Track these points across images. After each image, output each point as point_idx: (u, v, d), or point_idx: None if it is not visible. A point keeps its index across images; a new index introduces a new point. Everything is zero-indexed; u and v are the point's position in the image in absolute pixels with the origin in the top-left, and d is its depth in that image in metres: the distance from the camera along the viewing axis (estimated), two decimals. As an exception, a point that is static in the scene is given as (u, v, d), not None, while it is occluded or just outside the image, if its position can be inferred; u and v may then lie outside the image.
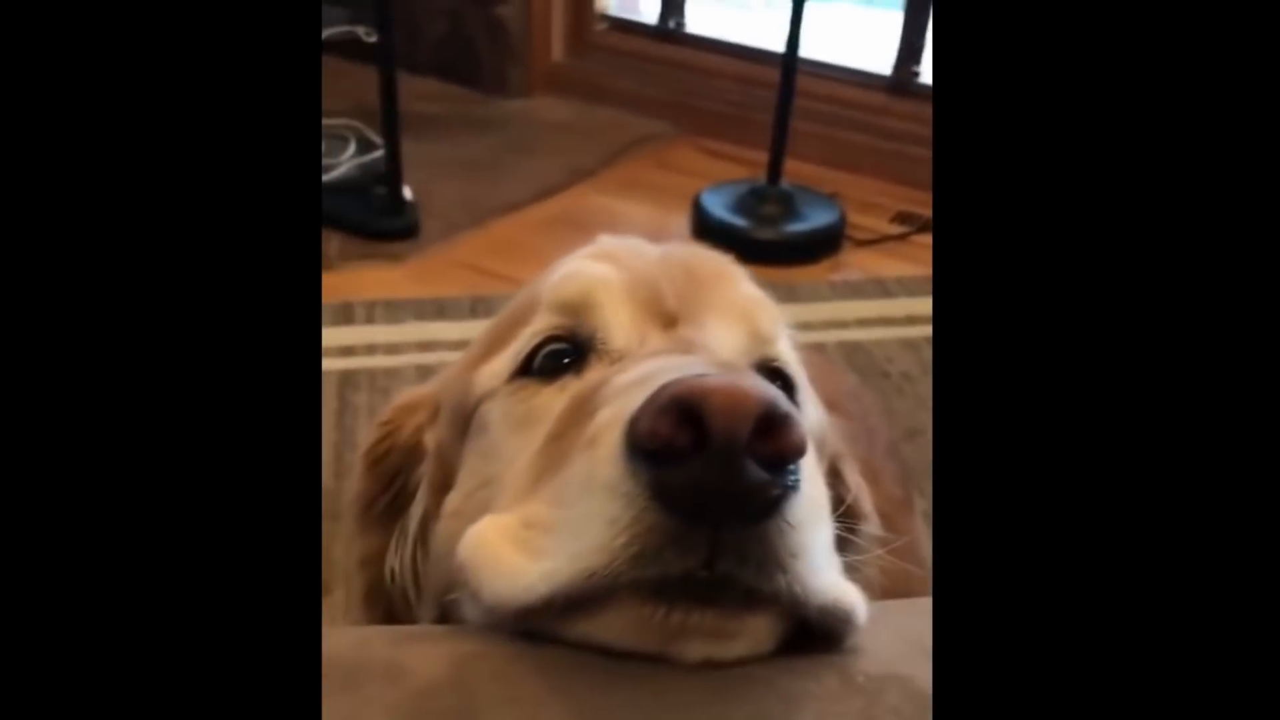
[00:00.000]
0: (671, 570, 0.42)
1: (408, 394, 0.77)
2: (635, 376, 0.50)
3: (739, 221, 2.43)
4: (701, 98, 2.98)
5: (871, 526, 0.70)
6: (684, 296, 0.62)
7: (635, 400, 0.44)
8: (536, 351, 0.62)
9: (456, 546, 0.53)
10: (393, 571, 0.73)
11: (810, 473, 0.45)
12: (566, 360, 0.61)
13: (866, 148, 2.79)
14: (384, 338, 1.94)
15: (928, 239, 2.50)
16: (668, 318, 0.61)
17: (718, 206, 2.47)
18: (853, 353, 2.00)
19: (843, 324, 2.11)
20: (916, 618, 0.50)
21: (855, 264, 2.41)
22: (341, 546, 1.47)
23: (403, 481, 0.74)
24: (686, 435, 0.41)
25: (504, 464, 0.59)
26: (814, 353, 1.96)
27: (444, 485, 0.67)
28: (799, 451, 0.42)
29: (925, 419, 1.83)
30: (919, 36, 2.82)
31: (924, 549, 1.18)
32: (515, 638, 0.46)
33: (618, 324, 0.60)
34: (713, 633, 0.43)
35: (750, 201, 2.46)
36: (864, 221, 2.54)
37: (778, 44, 2.37)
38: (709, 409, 0.41)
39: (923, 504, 1.61)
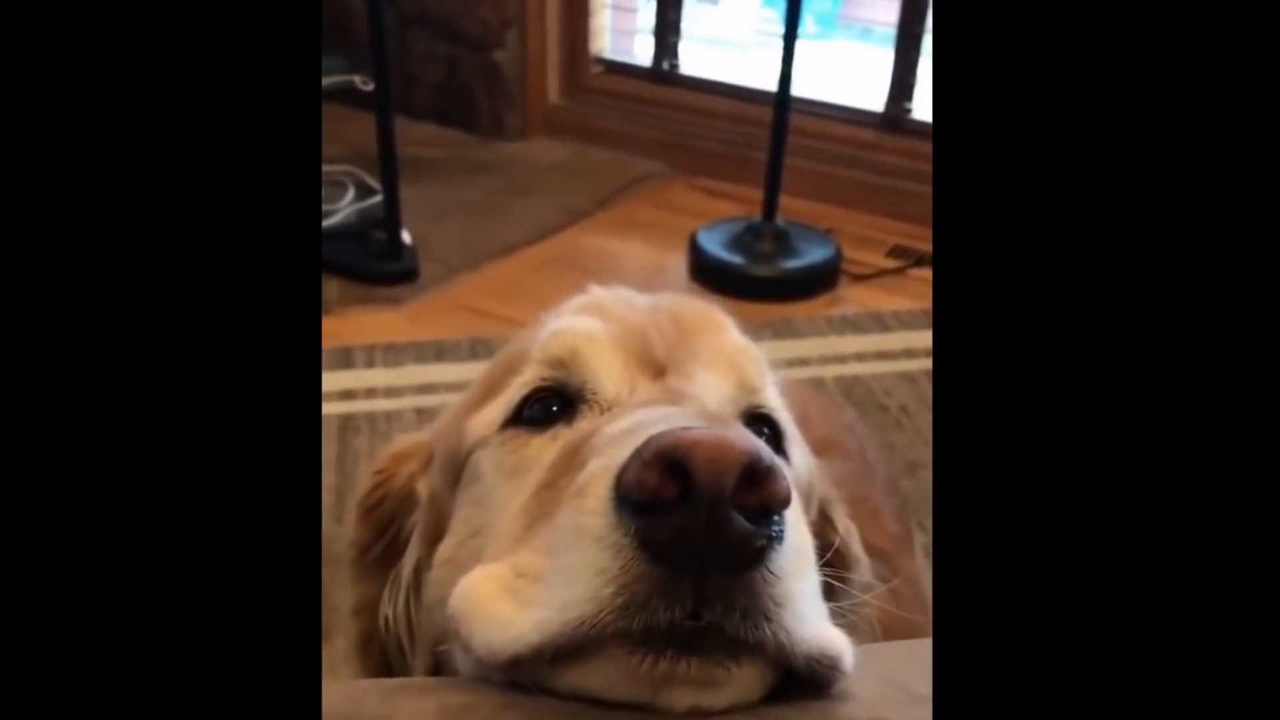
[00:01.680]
0: (658, 619, 0.42)
1: (402, 441, 0.77)
2: (624, 426, 0.51)
3: (735, 259, 2.44)
4: (696, 138, 3.01)
5: (862, 571, 0.70)
6: (672, 346, 0.63)
7: (624, 451, 0.45)
8: (527, 401, 0.63)
9: (448, 595, 0.53)
10: (387, 620, 0.73)
11: (795, 522, 0.46)
12: (556, 409, 0.62)
13: (860, 183, 2.81)
14: (384, 381, 1.95)
15: (924, 273, 2.52)
16: (657, 368, 0.62)
17: (714, 245, 2.49)
18: (851, 387, 2.01)
19: (840, 359, 2.12)
20: (903, 661, 0.50)
21: (852, 299, 2.42)
22: (341, 594, 1.46)
23: (396, 529, 0.74)
24: (673, 487, 0.42)
25: (495, 512, 0.60)
26: (811, 388, 1.97)
27: (437, 533, 0.67)
28: (783, 502, 0.43)
29: (924, 453, 1.83)
30: (910, 73, 2.85)
31: (924, 586, 1.18)
32: (504, 689, 0.46)
33: (607, 374, 0.61)
34: (699, 681, 0.43)
35: (746, 239, 2.48)
36: (860, 256, 2.55)
37: (770, 83, 2.40)
38: (694, 461, 0.42)
39: (923, 538, 1.61)
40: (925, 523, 1.67)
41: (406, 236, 2.37)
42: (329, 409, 1.84)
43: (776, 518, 0.43)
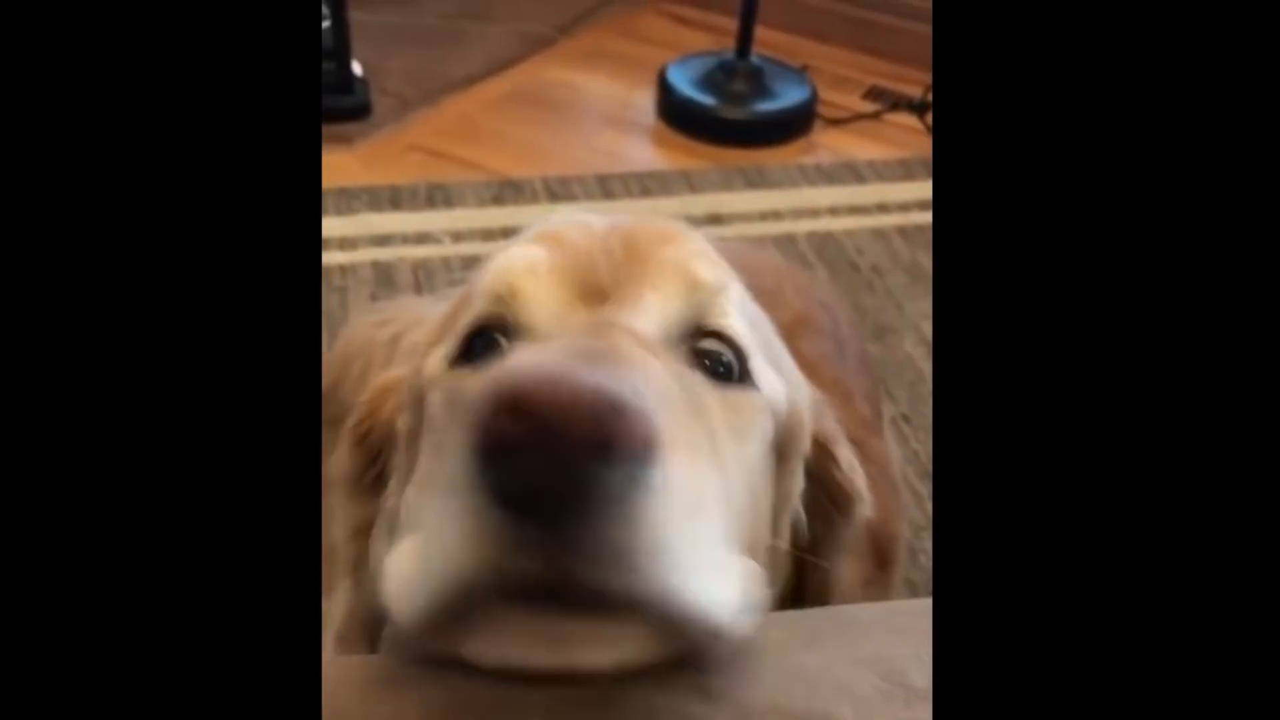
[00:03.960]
0: (520, 570, 0.40)
1: (387, 375, 0.75)
2: (511, 360, 0.47)
3: (707, 99, 2.32)
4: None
5: (865, 508, 0.68)
6: (619, 269, 0.60)
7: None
8: (472, 338, 0.61)
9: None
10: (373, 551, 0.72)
11: (683, 467, 0.42)
12: (499, 345, 0.60)
13: (837, 15, 2.66)
14: (337, 231, 1.86)
15: (900, 118, 2.42)
16: (598, 295, 0.59)
17: (684, 82, 2.36)
18: (823, 244, 1.96)
19: (813, 212, 2.05)
20: (809, 653, 0.48)
21: (826, 145, 2.33)
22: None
23: (384, 460, 0.72)
24: (516, 429, 0.39)
25: (439, 457, 0.56)
26: (785, 251, 1.91)
27: (406, 470, 0.66)
28: (641, 444, 0.39)
29: (895, 316, 1.80)
30: (897, -106, 2.66)
31: (894, 468, 1.18)
32: (487, 682, 0.44)
33: (542, 307, 0.59)
34: (574, 638, 0.42)
35: (719, 77, 2.35)
36: (835, 99, 2.45)
37: (749, -95, 2.22)
38: (534, 400, 0.39)
39: (891, 410, 1.60)
40: (895, 393, 1.66)
41: (357, 68, 2.21)
42: (280, 261, 1.76)
43: (638, 459, 0.39)
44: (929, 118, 2.40)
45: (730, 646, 0.45)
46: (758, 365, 0.61)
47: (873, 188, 2.13)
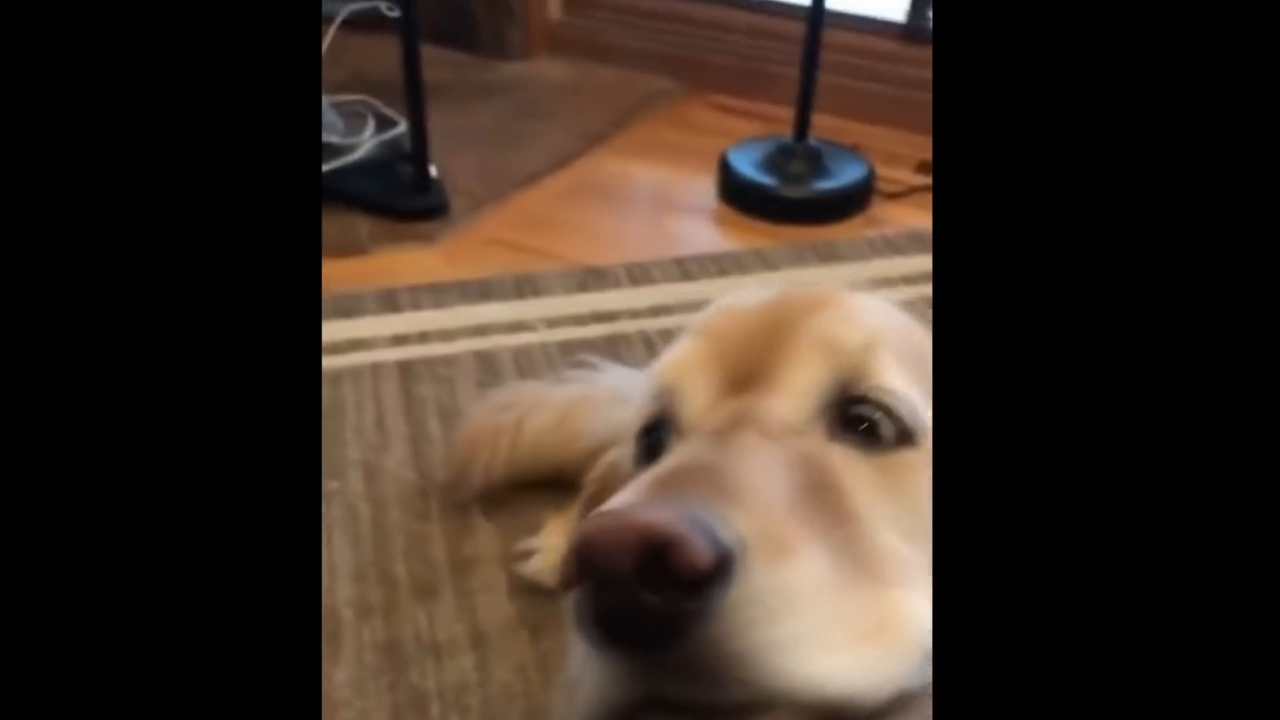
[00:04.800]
0: (632, 694, 0.45)
1: (612, 456, 0.80)
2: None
3: (768, 180, 2.40)
4: (711, 52, 2.92)
5: None
6: (763, 353, 0.61)
7: None
8: (644, 438, 0.65)
9: None
10: None
11: (774, 566, 0.45)
12: (661, 445, 0.63)
13: (884, 97, 2.76)
14: (435, 324, 1.91)
15: (955, 188, 2.49)
16: (748, 381, 0.60)
17: (745, 165, 2.44)
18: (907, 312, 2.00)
19: (889, 282, 2.10)
20: None
21: (888, 218, 2.39)
22: (440, 545, 1.44)
23: None
24: (583, 571, 0.45)
25: None
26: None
27: None
28: (694, 569, 0.43)
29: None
30: (930, -20, 2.78)
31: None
32: None
33: (691, 404, 0.61)
34: None
35: (778, 159, 2.43)
36: (889, 173, 2.52)
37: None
38: (592, 550, 0.44)
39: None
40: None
41: (433, 169, 2.29)
42: (386, 355, 1.80)
43: (701, 583, 0.43)
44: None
45: (873, 710, 0.47)
46: (918, 417, 0.59)
47: (942, 256, 2.19)
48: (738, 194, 2.43)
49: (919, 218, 2.39)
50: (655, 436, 0.64)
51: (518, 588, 1.37)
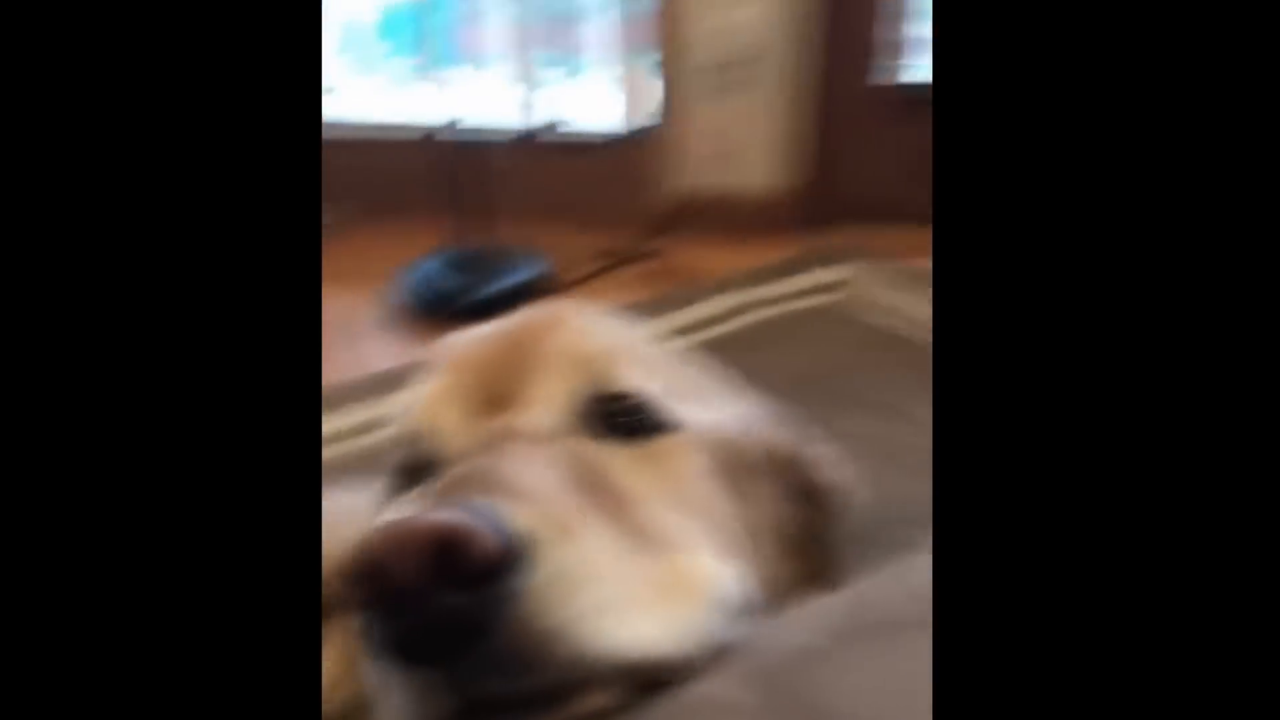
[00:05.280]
0: (440, 713, 0.44)
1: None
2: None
3: (450, 286, 2.41)
4: (360, 186, 2.92)
5: (848, 495, 0.73)
6: (510, 374, 0.63)
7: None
8: (399, 483, 0.63)
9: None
10: None
11: (565, 546, 0.46)
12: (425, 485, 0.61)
13: (528, 202, 2.89)
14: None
15: (633, 269, 2.63)
16: (496, 401, 0.62)
17: (420, 282, 2.44)
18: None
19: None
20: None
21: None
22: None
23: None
24: (382, 590, 0.43)
25: None
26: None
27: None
28: (491, 559, 0.43)
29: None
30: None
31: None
32: None
33: (447, 437, 0.61)
34: None
35: (455, 267, 2.46)
36: (570, 268, 2.62)
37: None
38: (385, 561, 0.43)
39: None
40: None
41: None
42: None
43: (498, 572, 0.43)
44: (654, 262, 2.65)
45: (689, 667, 0.48)
46: (670, 409, 0.62)
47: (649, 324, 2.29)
48: (423, 309, 2.42)
49: (608, 296, 2.49)
50: (410, 480, 0.62)
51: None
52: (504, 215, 2.74)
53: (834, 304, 2.32)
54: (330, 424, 1.90)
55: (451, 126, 2.36)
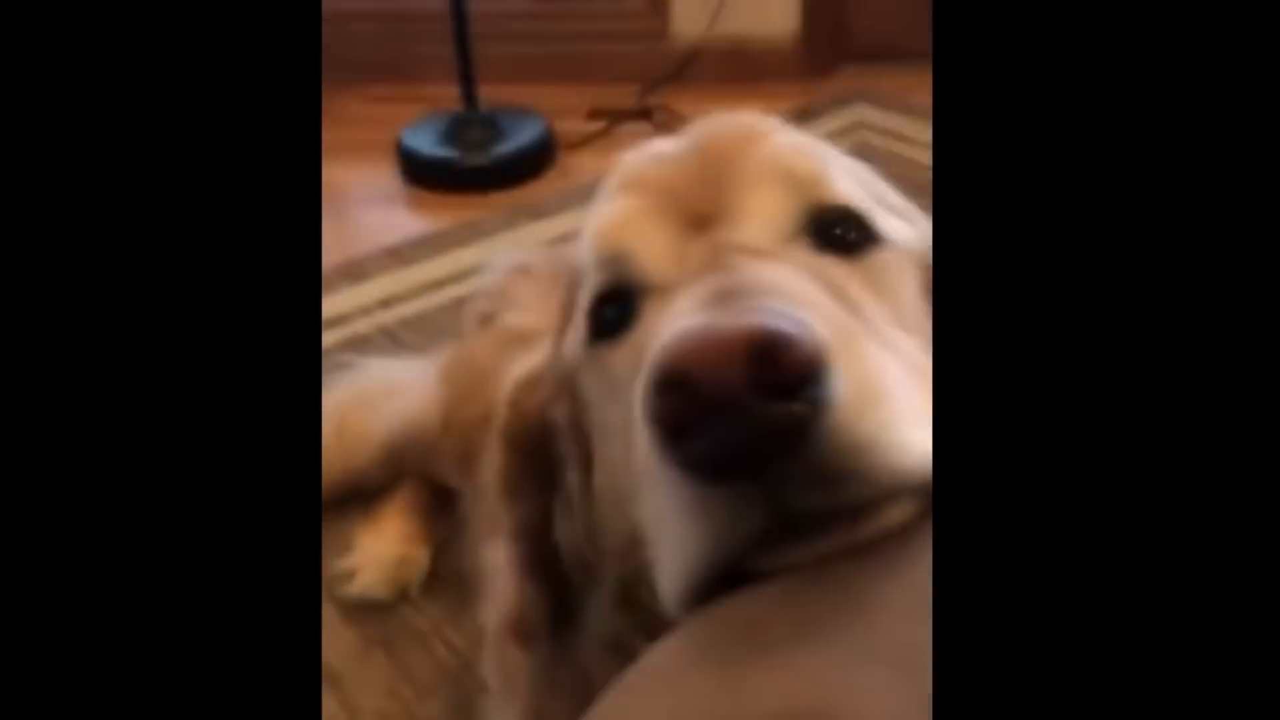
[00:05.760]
0: (753, 528, 0.42)
1: (522, 370, 0.74)
2: (655, 336, 0.49)
3: (449, 154, 2.36)
4: (352, 46, 2.81)
5: None
6: (713, 188, 0.59)
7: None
8: (597, 312, 0.60)
9: (618, 528, 0.56)
10: (562, 537, 0.70)
11: (856, 356, 0.44)
12: (627, 310, 0.59)
13: (529, 56, 2.79)
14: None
15: (630, 128, 2.57)
16: (701, 220, 0.59)
17: (423, 145, 2.39)
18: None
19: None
20: None
21: (576, 168, 2.43)
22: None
23: (544, 455, 0.70)
24: (689, 405, 0.40)
25: (613, 442, 0.59)
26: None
27: (586, 459, 0.65)
28: (808, 365, 0.40)
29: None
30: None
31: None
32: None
33: (652, 256, 0.58)
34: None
35: (454, 132, 2.40)
36: (565, 126, 2.56)
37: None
38: (693, 373, 0.40)
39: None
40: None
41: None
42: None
43: (814, 378, 0.41)
44: (655, 118, 2.58)
45: None
46: (881, 223, 0.61)
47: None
48: (422, 175, 2.37)
49: (605, 162, 2.42)
50: (615, 304, 0.59)
51: (349, 612, 1.27)
52: (499, 73, 2.65)
53: (853, 146, 2.28)
54: (349, 299, 1.90)
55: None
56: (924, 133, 2.38)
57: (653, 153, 0.64)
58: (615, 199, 0.62)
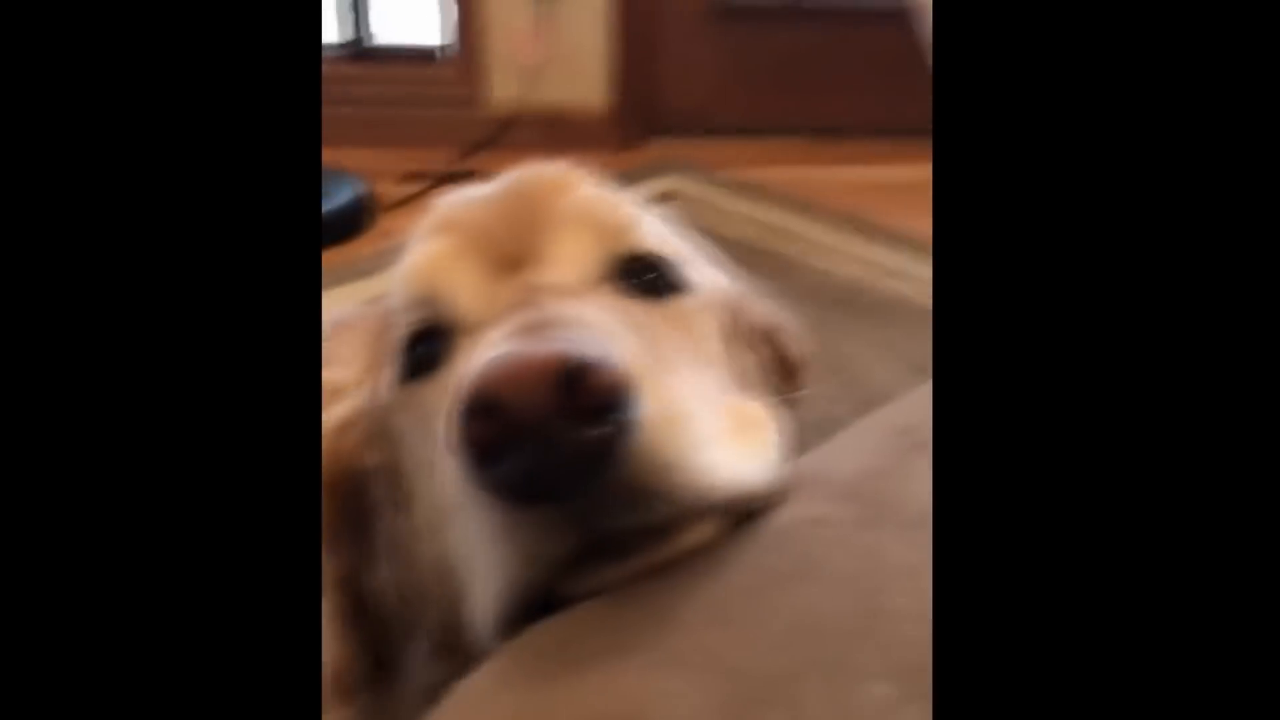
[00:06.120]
0: (563, 549, 0.43)
1: (334, 416, 0.71)
2: (466, 368, 0.50)
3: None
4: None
5: (808, 369, 0.75)
6: (523, 231, 0.61)
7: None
8: (410, 351, 0.61)
9: (439, 569, 0.56)
10: (375, 591, 0.69)
11: (655, 384, 0.45)
12: (437, 351, 0.60)
13: (342, 119, 2.77)
14: None
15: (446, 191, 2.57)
16: (512, 262, 0.60)
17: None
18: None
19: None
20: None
21: (396, 229, 2.41)
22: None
23: (360, 500, 0.69)
24: (497, 429, 0.41)
25: (429, 477, 0.59)
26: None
27: (403, 501, 0.65)
28: (613, 390, 0.42)
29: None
30: (362, -1, 2.83)
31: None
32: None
33: (463, 298, 0.59)
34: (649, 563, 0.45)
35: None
36: (382, 188, 2.54)
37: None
38: (503, 397, 0.41)
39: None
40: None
41: None
42: None
43: (619, 404, 0.42)
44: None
45: (767, 498, 0.49)
46: (683, 272, 0.63)
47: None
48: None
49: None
50: (426, 344, 0.59)
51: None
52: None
53: (669, 214, 2.35)
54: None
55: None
56: (734, 204, 2.50)
57: (465, 197, 0.66)
58: (428, 240, 0.62)
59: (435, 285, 0.59)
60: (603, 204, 0.63)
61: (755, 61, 2.85)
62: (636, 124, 2.86)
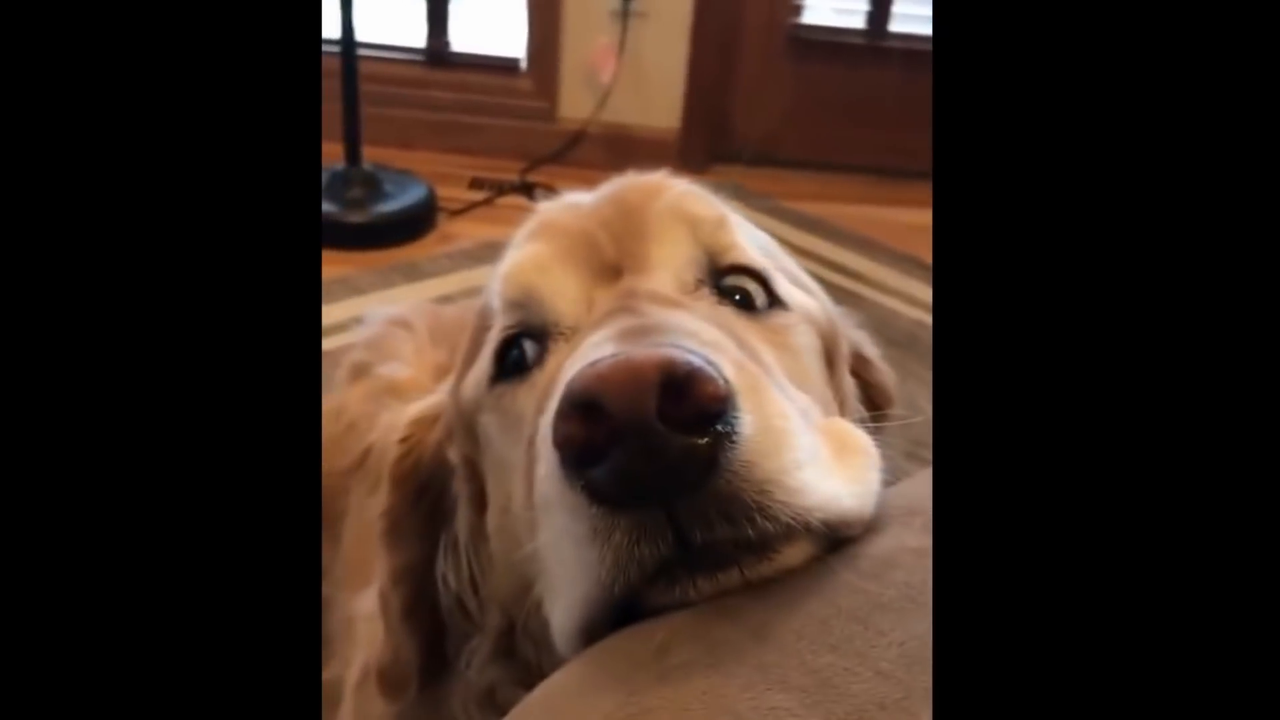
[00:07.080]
0: (654, 556, 0.42)
1: (419, 406, 0.72)
2: (566, 369, 0.50)
3: (330, 208, 2.32)
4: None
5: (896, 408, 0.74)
6: (623, 238, 0.61)
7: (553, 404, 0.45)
8: (503, 353, 0.61)
9: (513, 564, 0.56)
10: (445, 582, 0.68)
11: (759, 400, 0.45)
12: (532, 352, 0.60)
13: (417, 122, 2.80)
14: None
15: (509, 200, 2.60)
16: (612, 269, 0.60)
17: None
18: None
19: (478, 292, 2.13)
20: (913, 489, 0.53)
21: (456, 233, 2.43)
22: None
23: (435, 495, 0.69)
24: (598, 430, 0.41)
25: (511, 478, 0.59)
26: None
27: (480, 498, 0.65)
28: (717, 400, 0.42)
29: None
30: (443, 3, 2.87)
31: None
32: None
33: (562, 299, 0.59)
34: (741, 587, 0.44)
35: (336, 187, 2.36)
36: (446, 192, 2.56)
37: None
38: (606, 398, 0.41)
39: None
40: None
41: None
42: None
43: (719, 414, 0.42)
44: (536, 195, 2.61)
45: (864, 526, 0.48)
46: (782, 286, 0.63)
47: (519, 260, 2.27)
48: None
49: (485, 230, 2.46)
50: (519, 346, 0.59)
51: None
52: (384, 135, 2.65)
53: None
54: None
55: (345, 40, 2.24)
56: (797, 236, 2.49)
57: (566, 202, 0.66)
58: (528, 244, 0.62)
59: (532, 288, 0.59)
60: (694, 200, 0.63)
61: (828, 95, 2.85)
62: (703, 149, 2.86)
